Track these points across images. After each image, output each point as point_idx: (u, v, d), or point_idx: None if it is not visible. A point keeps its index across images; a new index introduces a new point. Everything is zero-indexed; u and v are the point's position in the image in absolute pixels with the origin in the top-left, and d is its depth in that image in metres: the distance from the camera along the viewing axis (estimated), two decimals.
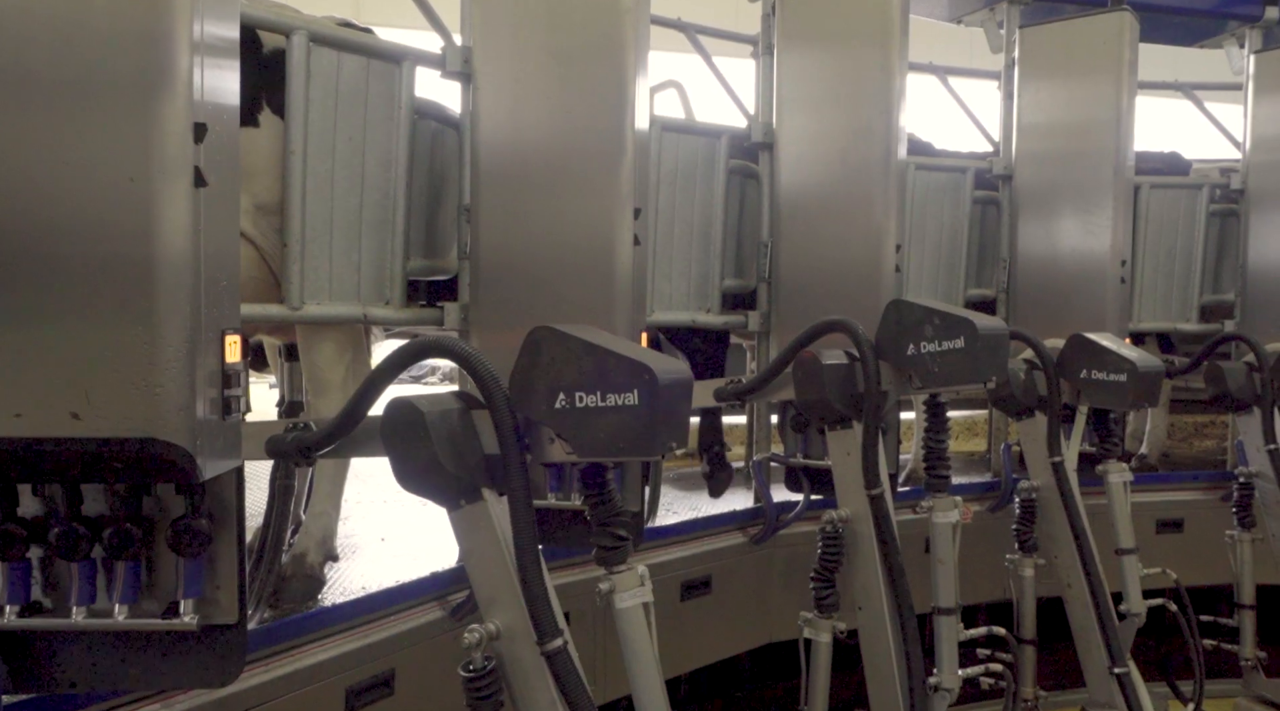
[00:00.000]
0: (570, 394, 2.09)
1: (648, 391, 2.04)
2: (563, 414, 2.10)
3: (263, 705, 2.87)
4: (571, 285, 3.31)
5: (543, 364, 2.14)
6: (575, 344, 2.12)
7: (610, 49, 3.28)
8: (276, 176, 3.17)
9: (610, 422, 2.06)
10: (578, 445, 2.11)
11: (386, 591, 3.41)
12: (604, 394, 2.07)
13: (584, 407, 2.08)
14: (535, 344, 2.18)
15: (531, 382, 2.14)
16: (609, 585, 2.43)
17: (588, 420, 2.08)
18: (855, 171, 4.37)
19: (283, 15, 3.16)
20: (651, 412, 2.04)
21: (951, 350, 3.39)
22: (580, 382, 2.08)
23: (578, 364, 2.10)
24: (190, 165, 1.97)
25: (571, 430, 2.10)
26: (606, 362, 2.08)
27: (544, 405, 2.12)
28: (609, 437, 2.07)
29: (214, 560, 2.28)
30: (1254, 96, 5.66)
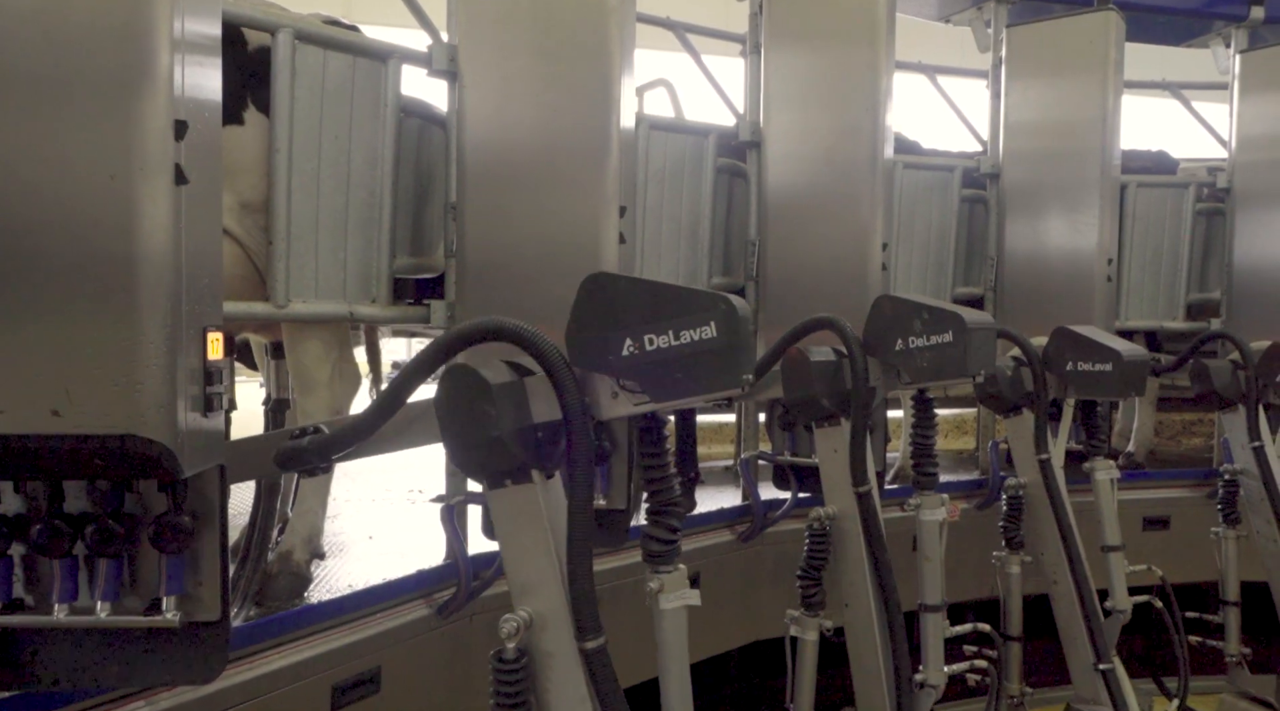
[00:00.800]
0: (639, 338, 1.94)
1: (726, 320, 1.91)
2: (632, 360, 1.96)
3: (247, 702, 2.87)
4: (557, 283, 3.30)
5: (604, 312, 1.99)
6: (638, 285, 1.99)
7: (596, 48, 3.28)
8: (261, 174, 3.17)
9: (687, 361, 1.92)
10: (653, 391, 1.96)
11: (372, 589, 3.42)
12: (677, 331, 1.93)
13: (656, 349, 1.94)
14: (591, 292, 2.03)
15: (592, 334, 2.00)
16: (657, 584, 2.33)
17: (661, 362, 1.94)
18: (842, 170, 4.38)
19: (268, 13, 3.16)
20: (731, 342, 1.90)
21: (940, 345, 3.40)
22: (649, 324, 1.94)
23: (644, 304, 1.95)
24: (171, 163, 1.97)
25: (644, 376, 1.96)
26: (677, 298, 1.94)
27: (609, 355, 1.97)
28: (686, 377, 1.93)
29: (196, 557, 2.28)
30: (1239, 96, 5.69)
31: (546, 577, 2.01)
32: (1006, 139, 5.45)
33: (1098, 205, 5.10)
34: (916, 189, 5.45)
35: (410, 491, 5.50)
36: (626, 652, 4.35)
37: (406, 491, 5.51)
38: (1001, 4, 5.55)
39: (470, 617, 3.69)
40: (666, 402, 1.98)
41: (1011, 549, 4.40)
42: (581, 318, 2.03)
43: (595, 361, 1.99)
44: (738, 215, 4.87)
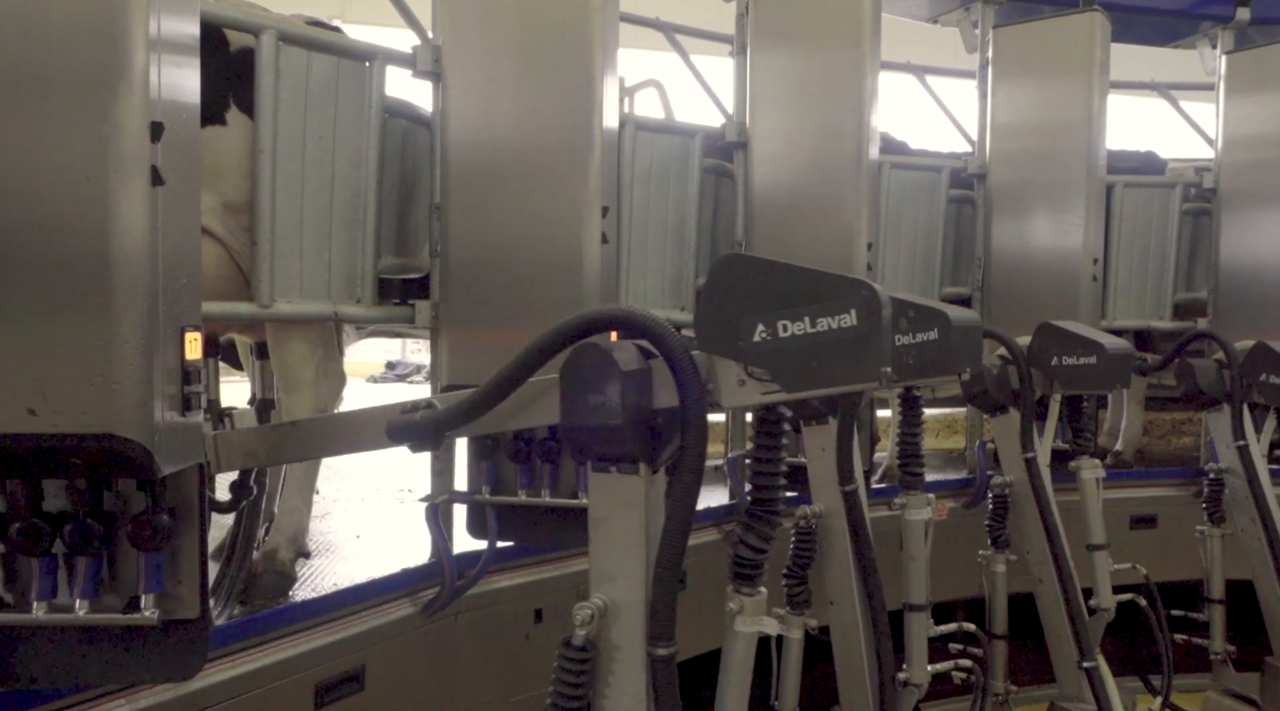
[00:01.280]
0: (772, 323, 1.85)
1: (867, 310, 1.82)
2: (763, 347, 1.86)
3: (230, 700, 2.88)
4: (540, 283, 3.33)
5: (735, 294, 1.89)
6: (775, 267, 1.89)
7: (578, 48, 3.30)
8: (245, 175, 3.18)
9: (823, 350, 1.83)
10: (785, 380, 1.87)
11: (357, 587, 3.43)
12: (814, 318, 1.83)
13: (789, 336, 1.85)
14: (724, 274, 1.93)
15: (721, 317, 1.90)
16: (737, 605, 2.22)
17: (795, 350, 1.85)
18: (827, 170, 4.40)
19: (251, 14, 3.17)
20: (872, 333, 1.82)
21: (926, 342, 3.40)
22: (784, 309, 1.84)
23: (779, 289, 1.86)
24: (147, 164, 1.99)
25: (775, 364, 1.86)
26: (816, 283, 1.85)
27: (739, 340, 1.88)
28: (821, 367, 1.84)
29: (176, 555, 2.29)
30: (1225, 97, 5.71)
31: (630, 572, 1.96)
32: (993, 139, 5.47)
33: (1083, 205, 5.12)
34: (904, 189, 5.47)
35: (400, 491, 5.52)
36: None
37: (396, 491, 5.52)
38: (989, 5, 5.57)
39: (455, 616, 3.71)
40: (798, 393, 1.91)
41: (997, 547, 4.42)
42: (711, 299, 1.92)
43: (723, 346, 1.90)
44: (724, 216, 4.89)
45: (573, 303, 3.32)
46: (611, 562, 1.98)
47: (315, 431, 2.51)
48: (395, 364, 18.72)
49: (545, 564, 4.04)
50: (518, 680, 3.92)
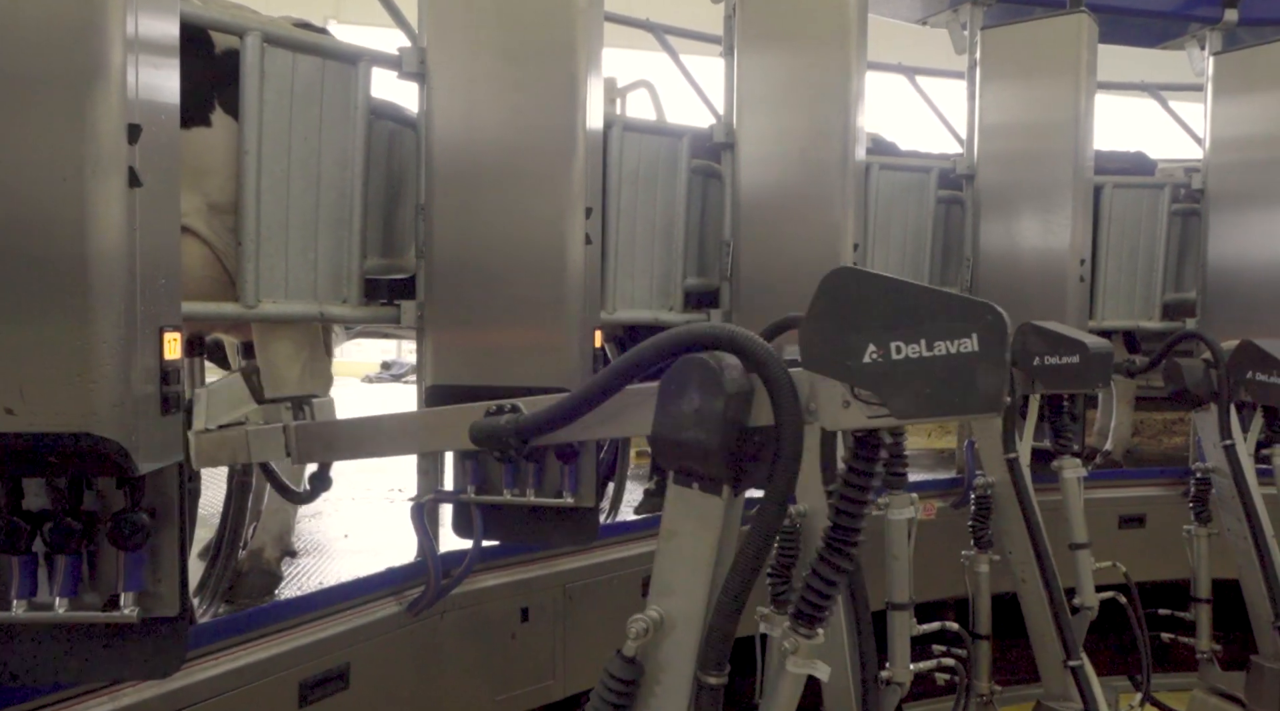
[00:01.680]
0: (884, 344, 1.74)
1: (991, 335, 1.68)
2: (874, 369, 1.75)
3: (213, 698, 2.90)
4: (524, 283, 3.35)
5: (845, 311, 1.78)
6: (890, 284, 1.77)
7: (562, 48, 3.32)
8: (230, 176, 3.20)
9: (939, 375, 1.71)
10: (895, 405, 1.75)
11: (342, 586, 3.45)
12: (931, 341, 1.72)
13: (903, 359, 1.74)
14: (834, 289, 1.82)
15: (829, 334, 1.79)
16: (793, 645, 2.07)
17: (908, 373, 1.74)
18: (813, 171, 4.42)
19: (236, 16, 3.19)
20: (994, 358, 1.68)
21: None
22: (898, 329, 1.73)
23: (894, 307, 1.75)
24: (124, 165, 2.01)
25: (886, 387, 1.75)
26: (935, 303, 1.73)
27: (847, 360, 1.77)
28: (937, 393, 1.71)
29: (155, 553, 2.31)
30: (1213, 98, 5.73)
31: (692, 592, 1.89)
32: (981, 140, 5.49)
33: (1070, 206, 5.14)
34: (893, 190, 5.49)
35: (390, 490, 5.53)
36: (598, 651, 4.39)
37: (386, 490, 5.54)
38: (977, 6, 5.59)
39: (441, 615, 3.73)
40: (909, 419, 1.79)
41: (980, 547, 4.43)
42: (818, 315, 1.81)
43: (829, 365, 1.78)
44: (713, 216, 4.91)
45: (555, 303, 3.34)
46: (675, 577, 1.92)
47: (395, 428, 2.49)
48: (390, 364, 18.73)
49: (532, 563, 4.06)
50: (504, 679, 3.94)
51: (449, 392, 3.44)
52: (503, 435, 2.08)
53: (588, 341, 3.42)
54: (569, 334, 3.35)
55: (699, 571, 1.87)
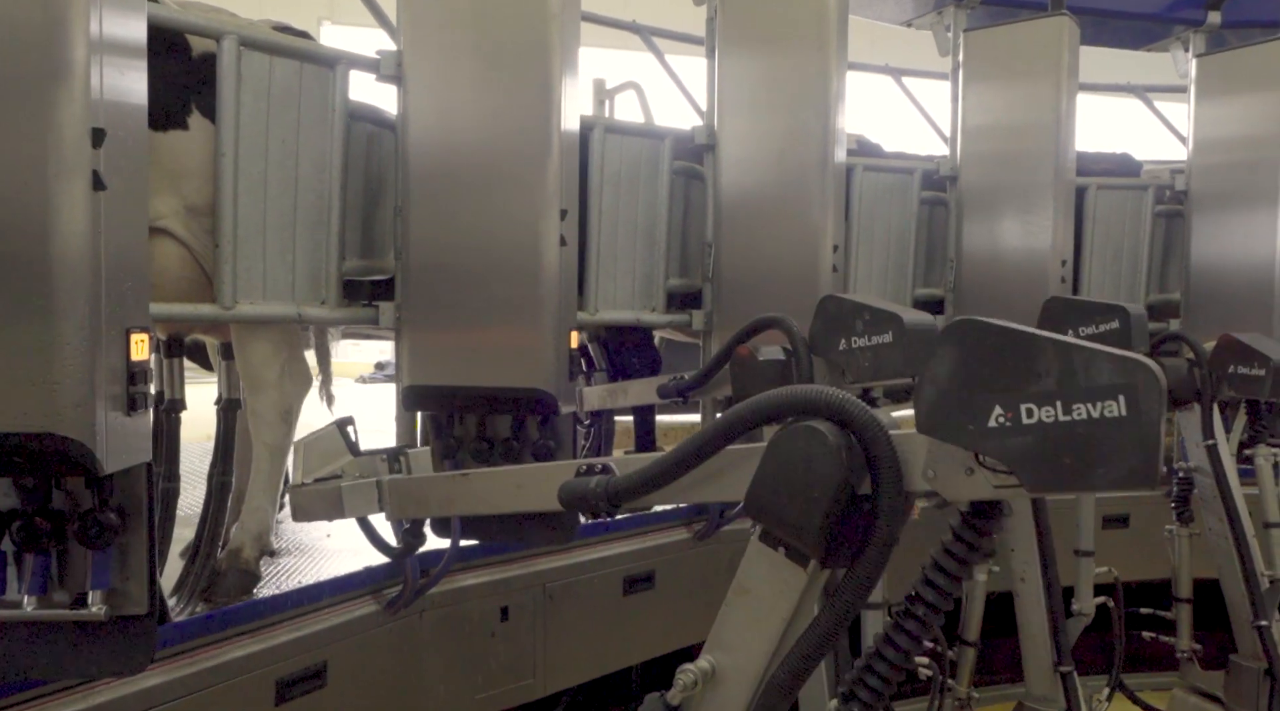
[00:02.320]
0: (1013, 406, 1.55)
1: (1142, 398, 1.47)
2: (1001, 434, 1.56)
3: (188, 696, 2.92)
4: (499, 285, 3.37)
5: (969, 367, 1.60)
6: (1020, 336, 1.58)
7: (536, 51, 3.34)
8: (207, 178, 3.22)
9: (1080, 443, 1.51)
10: (1028, 475, 1.56)
11: (318, 584, 3.47)
12: (1069, 403, 1.52)
13: (1035, 424, 1.54)
14: (956, 341, 1.63)
15: (950, 394, 1.61)
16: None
17: (1042, 441, 1.54)
18: (793, 172, 4.44)
19: (212, 20, 3.21)
20: (1146, 426, 1.47)
21: (880, 345, 3.44)
22: (1030, 388, 1.54)
23: (1025, 363, 1.55)
24: (88, 169, 2.02)
25: (1016, 456, 1.55)
26: (1074, 359, 1.52)
27: (970, 423, 1.58)
28: (1078, 463, 1.51)
29: (124, 552, 2.34)
30: (1196, 100, 5.75)
31: (752, 654, 1.80)
32: (964, 142, 5.51)
33: (1052, 207, 5.16)
34: (877, 191, 5.50)
35: None
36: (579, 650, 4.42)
37: None
38: (961, 9, 5.61)
39: (420, 614, 3.76)
40: (1044, 492, 1.63)
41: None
42: (939, 371, 1.63)
43: (949, 428, 1.60)
44: (695, 217, 4.93)
45: (531, 304, 3.37)
46: (737, 635, 1.82)
47: (485, 487, 2.47)
48: (385, 364, 18.74)
49: (511, 562, 4.09)
50: (484, 677, 3.97)
51: (426, 393, 3.47)
52: (592, 498, 2.02)
53: (564, 342, 3.45)
54: (544, 335, 3.37)
55: (764, 635, 1.78)
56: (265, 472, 3.63)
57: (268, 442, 3.59)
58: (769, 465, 1.71)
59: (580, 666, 4.37)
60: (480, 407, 3.44)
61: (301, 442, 2.78)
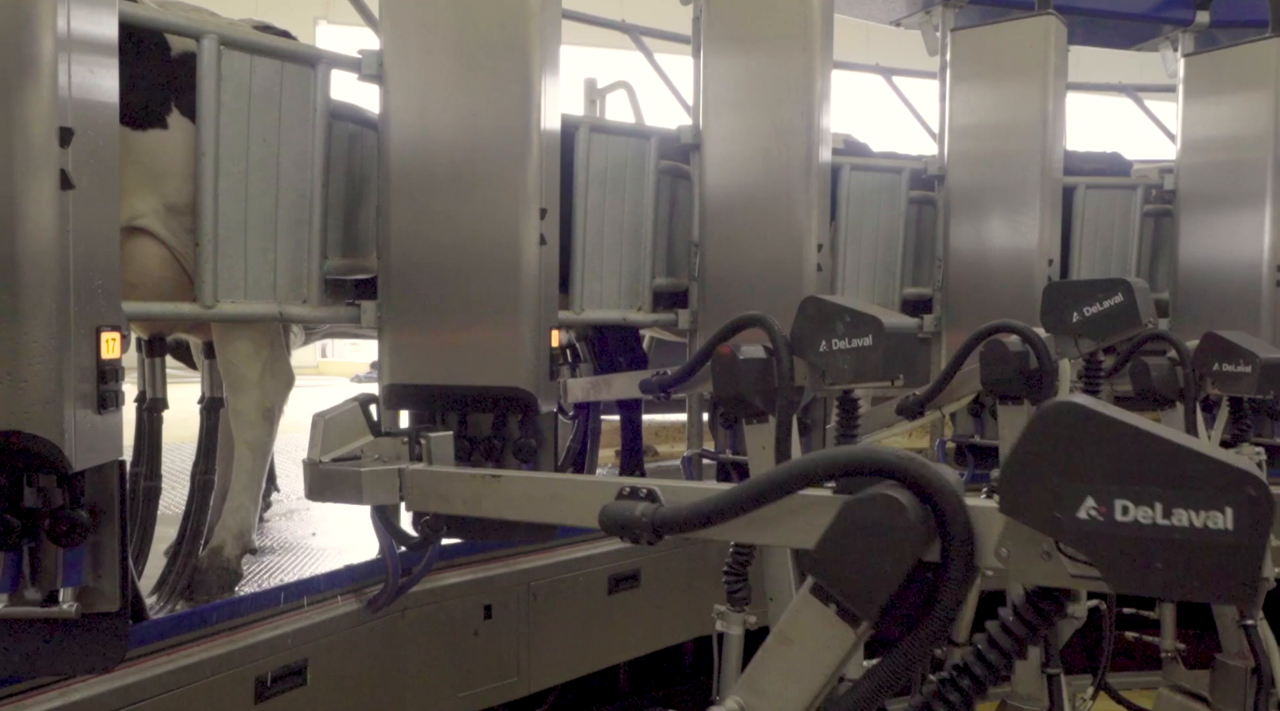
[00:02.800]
0: (1107, 500, 1.49)
1: (1251, 514, 1.40)
2: (1090, 528, 1.51)
3: (166, 694, 2.93)
4: (478, 284, 3.38)
5: (1063, 452, 1.53)
6: (1124, 429, 1.50)
7: (516, 50, 3.34)
8: (187, 177, 3.23)
9: (1177, 550, 1.44)
10: (1113, 574, 1.50)
11: (298, 582, 3.48)
12: (1170, 507, 1.45)
13: (1130, 522, 1.48)
14: (1051, 425, 1.57)
15: (1038, 476, 1.55)
16: None
17: (1135, 541, 1.48)
18: (777, 172, 4.45)
19: (192, 19, 3.22)
20: (1253, 543, 1.40)
21: (860, 348, 3.44)
22: (1128, 484, 1.48)
23: (1126, 457, 1.49)
24: (55, 168, 2.04)
25: (1103, 552, 1.50)
26: (1182, 462, 1.45)
27: (1056, 510, 1.53)
28: (1170, 571, 1.44)
29: (96, 549, 2.35)
30: (1184, 99, 5.76)
31: (786, 704, 1.75)
32: (951, 141, 5.52)
33: (1038, 207, 5.17)
34: (865, 191, 5.51)
35: None
36: (563, 649, 4.42)
37: None
38: (949, 8, 5.62)
39: (403, 612, 3.76)
40: (1127, 591, 1.55)
41: None
42: (1027, 453, 1.57)
43: (1033, 513, 1.55)
44: (682, 217, 4.94)
45: (510, 304, 3.38)
46: (772, 681, 1.78)
47: (518, 492, 2.38)
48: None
49: (495, 561, 4.10)
50: (467, 676, 3.98)
51: (406, 392, 3.47)
52: (636, 527, 1.96)
53: (544, 341, 3.45)
54: (524, 333, 3.38)
55: (802, 687, 1.75)
56: (247, 471, 3.63)
57: (249, 441, 3.60)
58: (841, 527, 1.67)
59: (565, 665, 4.38)
60: (460, 406, 3.45)
61: (321, 417, 2.71)
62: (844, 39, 7.69)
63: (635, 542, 2.01)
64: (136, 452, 3.52)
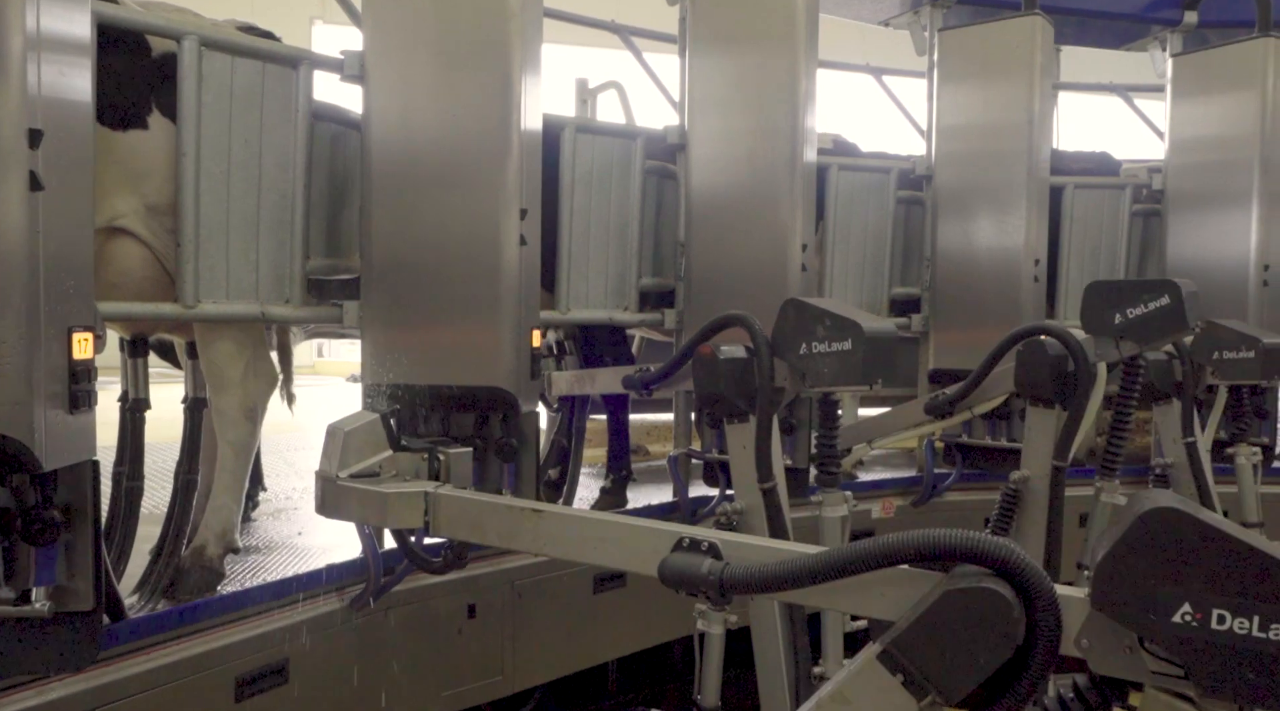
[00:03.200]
0: (1206, 608, 1.49)
1: None
2: (1184, 631, 1.51)
3: (145, 693, 2.93)
4: (458, 284, 3.39)
5: (1162, 556, 1.54)
6: (1227, 541, 1.51)
7: (496, 50, 3.35)
8: (168, 178, 3.23)
9: (1270, 664, 1.46)
10: (1203, 680, 1.51)
11: (280, 582, 3.49)
12: (1267, 620, 1.46)
13: (1225, 631, 1.48)
14: (1154, 528, 1.56)
15: (1135, 578, 1.55)
16: None
17: (1227, 650, 1.48)
18: (761, 172, 4.46)
19: (172, 20, 3.22)
20: None
21: (840, 352, 3.44)
22: (1226, 594, 1.48)
23: (1227, 568, 1.49)
24: (25, 169, 2.04)
25: (1195, 657, 1.50)
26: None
27: (1149, 611, 1.54)
28: (1264, 683, 1.46)
29: (70, 549, 2.36)
30: (1172, 99, 5.76)
31: None
32: (939, 141, 5.53)
33: (1025, 206, 5.18)
34: (853, 190, 5.52)
35: None
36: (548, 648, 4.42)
37: None
38: (936, 8, 5.62)
39: (386, 611, 3.77)
40: (1216, 698, 1.55)
41: None
42: (1126, 552, 1.57)
43: (1125, 611, 1.55)
44: (669, 217, 4.94)
45: (490, 305, 3.38)
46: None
47: (563, 530, 2.26)
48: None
49: (479, 560, 4.10)
50: (450, 674, 3.99)
51: (387, 391, 3.48)
52: (702, 585, 1.92)
53: (525, 341, 3.46)
54: (504, 334, 3.39)
55: None
56: (230, 470, 3.64)
57: (232, 441, 3.61)
58: (939, 613, 1.66)
59: (550, 664, 4.39)
60: (441, 406, 3.46)
61: (340, 430, 2.60)
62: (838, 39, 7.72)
63: (694, 597, 1.97)
64: (119, 452, 3.53)
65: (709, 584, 1.91)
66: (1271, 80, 5.31)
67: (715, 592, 1.93)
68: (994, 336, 5.30)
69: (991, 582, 1.62)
